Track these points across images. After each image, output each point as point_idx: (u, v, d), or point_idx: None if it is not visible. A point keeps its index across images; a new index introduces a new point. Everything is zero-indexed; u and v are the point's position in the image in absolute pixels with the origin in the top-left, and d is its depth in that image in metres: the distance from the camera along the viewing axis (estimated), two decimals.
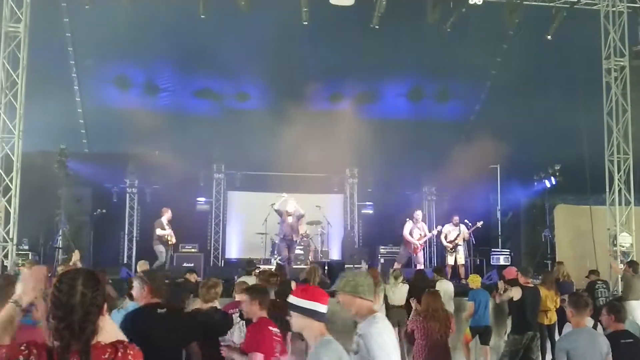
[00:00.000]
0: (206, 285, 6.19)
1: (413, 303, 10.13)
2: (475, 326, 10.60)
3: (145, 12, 13.80)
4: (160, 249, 14.36)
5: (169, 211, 14.73)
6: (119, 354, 2.60)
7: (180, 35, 14.59)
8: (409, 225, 15.15)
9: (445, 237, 15.83)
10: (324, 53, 15.24)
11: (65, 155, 14.67)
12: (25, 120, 11.84)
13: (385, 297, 10.89)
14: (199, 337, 5.56)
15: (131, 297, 6.48)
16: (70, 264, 11.14)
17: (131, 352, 2.65)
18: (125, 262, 17.61)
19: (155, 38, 14.65)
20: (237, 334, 7.26)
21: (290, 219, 15.11)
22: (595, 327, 9.11)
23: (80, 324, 2.53)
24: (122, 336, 2.78)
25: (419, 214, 15.38)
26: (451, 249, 15.65)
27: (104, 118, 16.19)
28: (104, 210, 16.89)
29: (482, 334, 10.62)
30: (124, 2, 12.99)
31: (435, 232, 15.80)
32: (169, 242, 14.50)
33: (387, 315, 10.71)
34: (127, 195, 18.58)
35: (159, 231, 14.37)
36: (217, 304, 6.59)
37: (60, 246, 14.31)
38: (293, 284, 10.73)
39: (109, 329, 2.78)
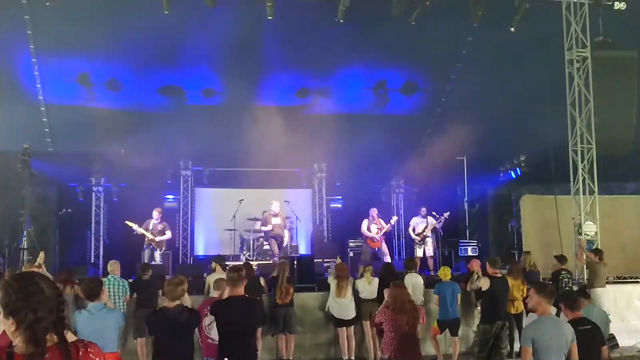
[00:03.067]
0: (172, 283, 6.14)
1: (386, 294, 10.20)
2: (443, 319, 10.70)
3: (107, 8, 13.64)
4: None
5: (154, 211, 14.84)
6: (80, 353, 2.59)
7: (144, 31, 14.39)
8: (365, 222, 15.34)
9: (413, 230, 15.93)
10: (290, 48, 15.19)
11: (28, 155, 14.48)
12: None
13: (357, 292, 10.96)
14: None
15: (91, 298, 6.41)
16: (35, 264, 11.00)
17: (92, 351, 2.64)
18: (92, 261, 17.41)
19: (118, 34, 14.47)
20: (215, 329, 7.22)
21: (278, 220, 15.53)
22: (558, 314, 9.24)
23: (58, 315, 2.53)
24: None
25: (374, 210, 15.53)
26: (419, 241, 15.74)
27: (68, 116, 15.93)
28: (69, 210, 16.71)
29: (451, 326, 10.72)
30: None
31: (392, 222, 15.92)
32: (146, 240, 14.53)
33: (358, 309, 10.81)
34: (93, 194, 18.35)
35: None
36: (188, 300, 6.56)
37: (25, 247, 14.10)
38: (262, 281, 10.77)
39: None
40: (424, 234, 15.72)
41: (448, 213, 15.96)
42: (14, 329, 2.47)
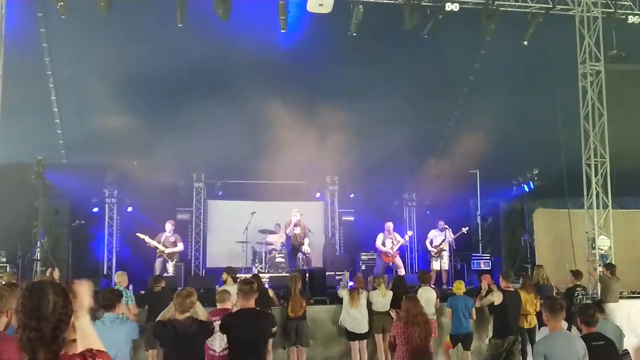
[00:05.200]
0: (180, 295, 6.15)
1: (392, 313, 10.25)
2: (456, 334, 10.62)
3: (122, 21, 13.74)
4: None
5: (167, 223, 14.86)
6: None
7: (159, 44, 14.53)
8: (380, 236, 15.30)
9: (431, 242, 15.89)
10: (302, 60, 15.25)
11: (42, 166, 14.55)
12: (2, 132, 11.72)
13: (370, 304, 10.92)
14: None
15: (106, 308, 6.44)
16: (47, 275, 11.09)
17: None
18: (105, 273, 17.45)
19: (132, 47, 14.56)
20: (217, 342, 7.25)
21: (297, 230, 15.49)
22: (569, 329, 9.20)
23: (52, 332, 2.51)
24: (99, 344, 2.77)
25: (390, 225, 15.49)
26: (435, 253, 15.69)
27: (82, 128, 16.06)
28: (82, 222, 16.77)
29: (464, 341, 10.65)
30: (100, 12, 12.91)
31: (407, 237, 15.86)
32: (158, 252, 14.58)
33: (371, 322, 10.77)
34: (107, 205, 18.42)
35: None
36: (201, 312, 6.57)
37: (38, 258, 14.16)
38: (271, 292, 10.76)
39: (90, 336, 2.77)
40: (441, 247, 15.68)
41: (467, 228, 15.91)
42: None
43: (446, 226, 15.89)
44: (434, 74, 16.06)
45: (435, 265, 15.66)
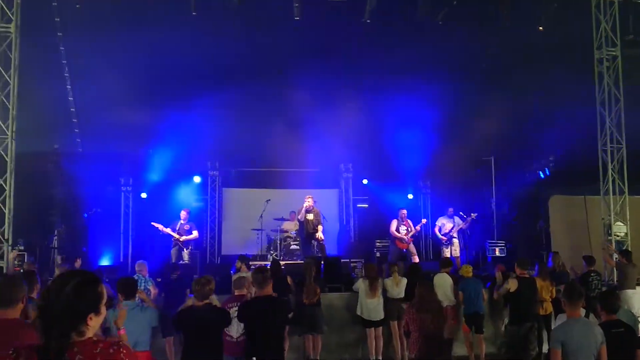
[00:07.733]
0: (200, 282, 6.21)
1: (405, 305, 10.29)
2: (467, 314, 10.67)
3: (136, 9, 13.76)
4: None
5: (182, 212, 14.96)
6: (111, 350, 2.63)
7: (173, 32, 14.52)
8: (394, 222, 15.27)
9: (439, 230, 15.88)
10: (316, 48, 15.20)
11: (58, 155, 14.64)
12: (18, 121, 11.79)
13: (385, 291, 10.94)
14: None
15: (126, 296, 6.51)
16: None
17: (124, 351, 2.68)
18: (121, 261, 17.57)
19: (147, 35, 14.57)
20: (234, 328, 7.30)
21: (310, 216, 15.35)
22: (587, 316, 9.16)
23: (54, 323, 2.56)
24: None
25: (404, 212, 15.45)
26: (446, 241, 15.69)
27: (98, 118, 16.13)
28: (99, 210, 16.88)
29: (474, 321, 10.65)
30: (115, 0, 12.95)
31: (421, 225, 15.82)
32: (174, 240, 14.68)
33: (386, 309, 10.79)
34: (122, 194, 18.52)
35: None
36: (215, 300, 6.62)
37: (55, 246, 14.28)
38: (289, 279, 10.80)
39: None
40: (451, 234, 15.67)
41: (475, 214, 15.86)
42: None
43: (461, 213, 15.86)
44: (448, 60, 15.96)
45: (446, 252, 15.65)
